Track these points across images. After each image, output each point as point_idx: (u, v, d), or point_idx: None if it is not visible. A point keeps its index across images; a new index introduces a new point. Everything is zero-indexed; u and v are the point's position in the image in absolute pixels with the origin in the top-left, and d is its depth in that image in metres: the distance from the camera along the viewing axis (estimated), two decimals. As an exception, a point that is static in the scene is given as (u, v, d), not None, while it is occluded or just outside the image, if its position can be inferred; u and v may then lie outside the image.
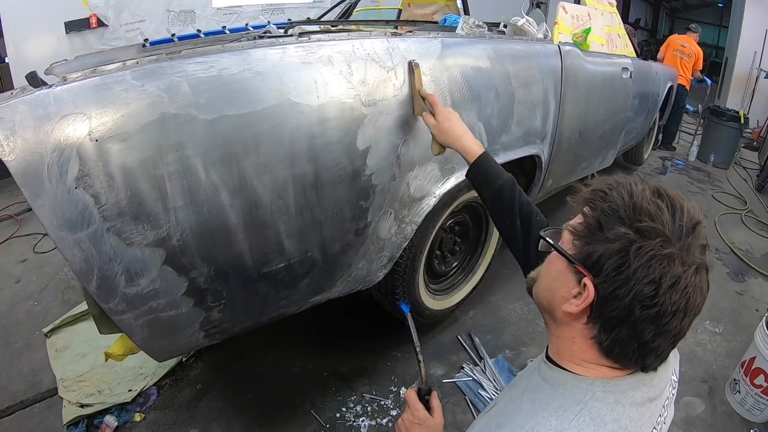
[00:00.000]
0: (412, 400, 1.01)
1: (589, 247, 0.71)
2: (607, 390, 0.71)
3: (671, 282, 0.65)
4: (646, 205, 0.68)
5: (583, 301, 0.70)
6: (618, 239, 0.67)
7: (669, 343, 0.71)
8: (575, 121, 2.43)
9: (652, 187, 0.71)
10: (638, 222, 0.67)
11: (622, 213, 0.69)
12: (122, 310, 1.18)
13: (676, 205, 0.69)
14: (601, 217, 0.70)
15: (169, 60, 1.14)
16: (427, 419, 0.99)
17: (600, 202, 0.72)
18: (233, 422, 1.97)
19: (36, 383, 2.18)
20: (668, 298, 0.65)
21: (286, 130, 1.25)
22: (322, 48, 1.33)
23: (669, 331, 0.68)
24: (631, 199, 0.69)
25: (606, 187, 0.73)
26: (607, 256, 0.68)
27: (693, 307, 0.68)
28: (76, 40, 4.19)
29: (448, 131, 1.36)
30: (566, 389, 0.73)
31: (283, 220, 1.32)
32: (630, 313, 0.67)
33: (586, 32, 2.64)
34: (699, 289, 0.68)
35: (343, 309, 2.46)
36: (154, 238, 1.14)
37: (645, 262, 0.65)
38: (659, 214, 0.67)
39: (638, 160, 5.02)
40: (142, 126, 1.07)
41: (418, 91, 1.47)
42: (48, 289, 2.84)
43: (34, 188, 1.00)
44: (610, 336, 0.71)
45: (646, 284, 0.65)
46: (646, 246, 0.65)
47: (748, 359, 2.13)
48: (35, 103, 1.01)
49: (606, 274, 0.68)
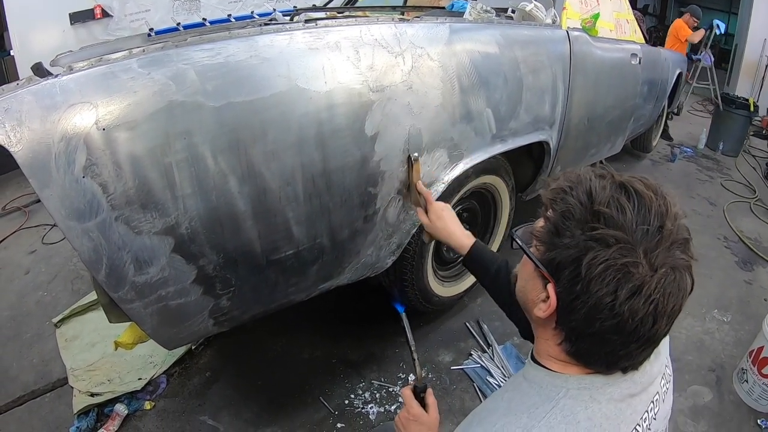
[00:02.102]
0: (408, 398, 1.03)
1: (549, 254, 0.68)
2: (582, 387, 0.69)
3: (630, 293, 0.61)
4: (604, 207, 0.63)
5: (548, 308, 0.68)
6: (572, 247, 0.64)
7: (642, 349, 0.67)
8: (584, 107, 2.40)
9: (617, 182, 0.66)
10: (593, 229, 0.63)
11: (579, 216, 0.65)
12: (131, 298, 1.18)
13: (643, 202, 0.64)
14: (558, 222, 0.67)
15: (175, 48, 1.13)
16: (422, 416, 1.01)
17: (559, 203, 0.68)
18: (242, 409, 1.98)
19: (46, 373, 2.19)
20: (629, 308, 0.61)
21: (294, 117, 1.24)
22: (329, 34, 1.32)
23: (639, 338, 0.65)
24: (590, 199, 0.65)
25: (567, 185, 0.69)
26: (564, 265, 0.65)
27: (666, 311, 0.63)
28: (81, 31, 4.17)
29: (441, 229, 1.36)
30: (541, 387, 0.71)
31: (292, 207, 1.31)
32: (589, 325, 0.65)
33: (594, 17, 2.61)
34: (671, 292, 0.63)
35: (352, 296, 2.46)
36: (163, 226, 1.14)
37: (599, 274, 0.62)
38: (619, 216, 0.63)
39: (647, 147, 4.98)
40: (150, 114, 1.07)
41: (415, 185, 1.50)
42: (57, 280, 2.86)
43: (42, 178, 1.00)
44: (574, 345, 0.69)
45: (602, 296, 0.62)
46: (600, 256, 0.62)
47: (756, 348, 2.12)
48: (42, 93, 1.00)
49: (563, 284, 0.66)
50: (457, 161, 1.72)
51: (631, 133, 3.74)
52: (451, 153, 1.68)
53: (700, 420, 2.03)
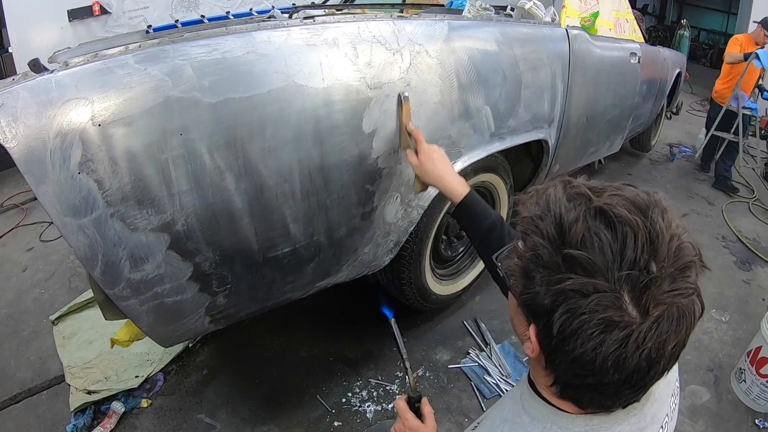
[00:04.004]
0: (402, 410, 0.97)
1: (524, 296, 0.59)
2: (589, 429, 0.63)
3: (616, 345, 0.52)
4: (576, 250, 0.53)
5: (532, 351, 0.61)
6: (543, 296, 0.55)
7: (638, 392, 0.60)
8: (583, 105, 2.40)
9: (594, 207, 0.55)
10: (564, 279, 0.53)
11: (547, 260, 0.55)
12: (127, 295, 1.18)
13: (627, 233, 0.52)
14: (527, 266, 0.58)
15: (172, 43, 1.13)
16: (419, 427, 0.95)
17: (528, 238, 0.58)
18: (240, 407, 1.97)
19: (43, 371, 2.19)
20: (614, 362, 0.53)
21: (292, 113, 1.24)
22: (327, 30, 1.31)
23: (633, 385, 0.57)
24: (560, 236, 0.55)
25: (537, 212, 0.58)
26: (537, 313, 0.57)
27: (663, 354, 0.54)
28: (79, 28, 4.16)
29: (430, 171, 1.30)
30: (545, 428, 0.64)
31: (289, 204, 1.31)
32: (573, 377, 0.58)
33: (594, 16, 2.61)
34: (670, 333, 0.53)
35: (349, 294, 2.46)
36: (159, 223, 1.13)
37: (575, 330, 0.53)
38: (597, 256, 0.52)
39: (646, 146, 4.97)
40: (146, 110, 1.06)
41: (405, 125, 1.43)
42: (55, 277, 2.86)
43: (37, 174, 1.00)
44: (563, 391, 0.62)
45: (582, 353, 0.53)
46: (576, 309, 0.52)
47: (754, 348, 2.12)
48: (37, 89, 1.00)
49: (541, 333, 0.58)
50: (456, 159, 1.71)
51: (630, 132, 3.74)
52: (450, 151, 1.67)
53: (698, 420, 2.03)
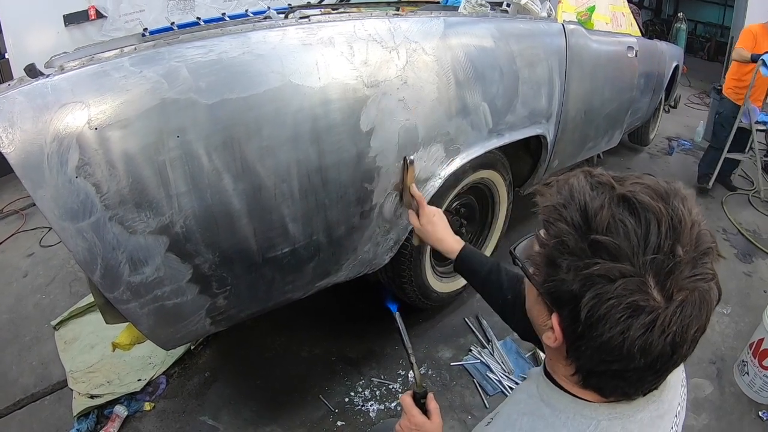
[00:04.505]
0: (408, 406, 0.97)
1: (548, 284, 0.59)
2: (613, 417, 0.63)
3: (642, 330, 0.53)
4: (602, 235, 0.54)
5: (555, 340, 0.61)
6: (570, 283, 0.56)
7: (660, 377, 0.61)
8: (581, 100, 2.39)
9: (618, 195, 0.56)
10: (592, 264, 0.54)
11: (574, 247, 0.56)
12: (127, 299, 1.17)
13: (651, 219, 0.54)
14: (552, 253, 0.58)
15: (167, 45, 1.13)
16: (424, 423, 0.95)
17: (552, 227, 0.58)
18: (242, 409, 1.97)
19: (46, 376, 2.19)
20: (641, 346, 0.54)
21: (289, 112, 1.23)
22: (322, 29, 1.31)
23: (657, 370, 0.58)
24: (585, 222, 0.55)
25: (560, 201, 0.59)
26: (563, 301, 0.58)
27: (686, 339, 0.55)
28: (75, 32, 4.16)
29: (431, 234, 1.30)
30: (568, 418, 0.64)
31: (287, 203, 1.31)
32: (599, 364, 0.58)
33: (590, 10, 2.61)
34: (693, 317, 0.55)
35: (350, 293, 2.46)
36: (157, 225, 1.13)
37: (603, 315, 0.53)
38: (623, 242, 0.53)
39: (644, 140, 4.96)
40: (143, 112, 1.06)
41: (408, 188, 1.46)
42: (55, 282, 2.85)
43: (35, 179, 1.00)
44: (586, 380, 0.63)
45: (610, 338, 0.54)
46: (603, 294, 0.53)
47: (757, 341, 2.12)
48: (33, 94, 1.00)
49: (566, 321, 0.58)
50: (454, 156, 1.71)
51: (629, 127, 3.74)
52: (448, 148, 1.67)
53: (701, 413, 2.03)
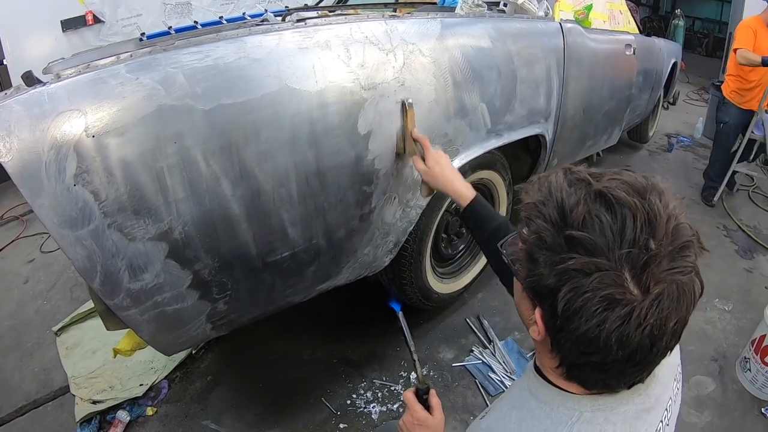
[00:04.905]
0: (411, 401, 0.99)
1: (529, 279, 0.61)
2: (596, 408, 0.64)
3: (618, 322, 0.54)
4: (577, 230, 0.55)
5: (538, 333, 0.63)
6: (548, 277, 0.57)
7: (643, 371, 0.62)
8: (579, 99, 2.39)
9: (594, 191, 0.57)
10: (567, 259, 0.55)
11: (550, 242, 0.58)
12: (127, 305, 1.17)
13: (626, 214, 0.55)
14: (531, 249, 0.60)
15: (163, 51, 1.12)
16: (427, 419, 0.97)
17: (531, 223, 0.61)
18: (245, 412, 1.97)
19: (48, 382, 2.19)
20: (618, 338, 0.55)
21: (286, 116, 1.23)
22: (318, 32, 1.31)
23: (636, 363, 0.59)
24: (562, 218, 0.57)
25: (539, 198, 0.61)
26: (543, 295, 0.59)
27: (665, 331, 0.56)
28: (73, 38, 4.16)
29: (439, 176, 1.30)
30: (552, 409, 0.66)
31: (286, 208, 1.31)
32: (579, 356, 0.60)
33: (587, 9, 2.60)
34: (671, 310, 0.55)
35: (351, 295, 2.45)
36: (156, 231, 1.13)
37: (579, 308, 0.55)
38: (597, 237, 0.55)
39: (644, 137, 4.96)
40: (139, 119, 1.06)
41: (410, 132, 1.43)
42: (56, 288, 2.85)
43: (33, 188, 1.00)
44: (569, 372, 0.64)
45: (586, 330, 0.56)
46: (579, 288, 0.55)
47: (759, 337, 2.11)
48: (30, 102, 1.00)
49: (547, 314, 0.60)
50: (453, 157, 1.71)
51: (628, 124, 3.74)
52: (446, 149, 1.67)
53: (703, 410, 2.02)
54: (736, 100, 3.63)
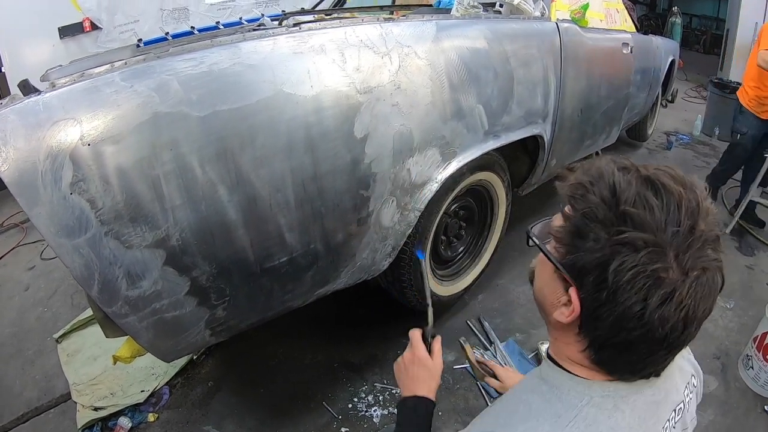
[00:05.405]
0: (416, 339, 1.05)
1: (570, 256, 0.62)
2: (606, 395, 0.65)
3: (661, 300, 0.56)
4: (629, 207, 0.57)
5: (570, 313, 0.64)
6: (597, 251, 0.59)
7: (669, 355, 0.64)
8: (577, 98, 2.39)
9: (643, 176, 0.60)
10: (620, 232, 0.57)
11: (603, 217, 0.59)
12: (126, 313, 1.17)
13: (672, 199, 0.58)
14: (580, 223, 0.61)
15: (157, 59, 1.13)
16: (427, 360, 1.02)
17: (580, 201, 0.62)
18: (246, 418, 1.97)
19: (49, 389, 2.19)
20: (659, 316, 0.57)
21: (282, 121, 1.24)
22: (313, 37, 1.31)
23: (668, 345, 0.61)
24: (614, 197, 0.59)
25: (588, 180, 0.63)
26: (587, 270, 0.60)
27: (696, 316, 0.59)
28: (71, 44, 4.15)
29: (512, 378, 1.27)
30: (563, 392, 0.67)
31: (283, 213, 1.31)
32: (616, 334, 0.60)
33: (584, 8, 2.60)
34: (703, 296, 0.58)
35: (351, 298, 2.45)
36: (153, 239, 1.13)
37: (628, 281, 0.56)
38: (648, 215, 0.57)
39: (642, 135, 4.96)
40: (135, 126, 1.06)
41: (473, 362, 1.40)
42: (57, 295, 2.85)
43: (30, 197, 1.00)
44: (598, 353, 0.65)
45: (631, 305, 0.57)
46: (628, 261, 0.56)
47: (761, 334, 2.11)
48: (25, 112, 1.00)
49: (587, 291, 0.61)
50: (450, 159, 1.71)
51: (626, 123, 3.74)
52: (444, 151, 1.67)
53: (706, 408, 2.02)
54: (755, 110, 3.40)
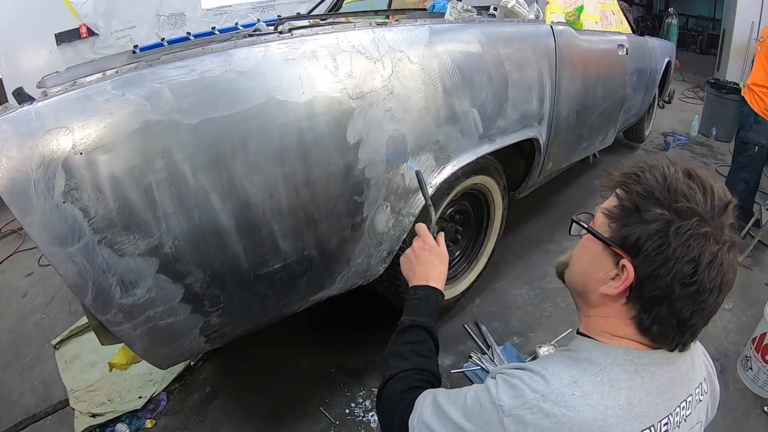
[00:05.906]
0: (424, 230, 1.14)
1: (626, 230, 0.72)
2: (629, 359, 0.74)
3: (709, 259, 0.68)
4: (680, 186, 0.70)
5: (622, 283, 0.72)
6: (656, 220, 0.69)
7: (704, 320, 0.73)
8: (572, 101, 2.39)
9: (683, 169, 0.73)
10: (675, 203, 0.69)
11: (658, 194, 0.71)
12: (120, 320, 1.17)
13: (706, 186, 0.71)
14: (638, 200, 0.72)
15: (148, 67, 1.13)
16: (436, 247, 1.11)
17: (634, 184, 0.74)
18: (243, 423, 1.97)
19: (47, 396, 2.19)
20: (706, 275, 0.68)
21: (275, 128, 1.23)
22: (305, 43, 1.31)
23: (705, 308, 0.70)
24: (665, 180, 0.71)
25: (638, 169, 0.75)
26: (646, 237, 0.70)
27: (727, 283, 0.70)
28: (68, 50, 4.17)
29: None
30: (590, 352, 0.76)
31: (277, 219, 1.30)
32: (670, 292, 0.69)
33: (578, 10, 2.60)
34: (732, 266, 0.70)
35: (348, 304, 2.44)
36: (147, 247, 1.13)
37: (684, 241, 0.67)
38: (693, 194, 0.69)
39: (639, 137, 4.96)
40: (126, 135, 1.06)
41: None
42: (55, 301, 2.85)
43: (23, 206, 1.00)
44: (650, 315, 0.72)
45: (686, 263, 0.68)
46: (684, 225, 0.68)
47: (759, 335, 2.10)
48: (17, 121, 1.01)
49: (645, 255, 0.70)
50: (445, 164, 1.71)
51: (623, 124, 3.74)
52: (438, 156, 1.66)
53: (705, 409, 2.01)
54: None
